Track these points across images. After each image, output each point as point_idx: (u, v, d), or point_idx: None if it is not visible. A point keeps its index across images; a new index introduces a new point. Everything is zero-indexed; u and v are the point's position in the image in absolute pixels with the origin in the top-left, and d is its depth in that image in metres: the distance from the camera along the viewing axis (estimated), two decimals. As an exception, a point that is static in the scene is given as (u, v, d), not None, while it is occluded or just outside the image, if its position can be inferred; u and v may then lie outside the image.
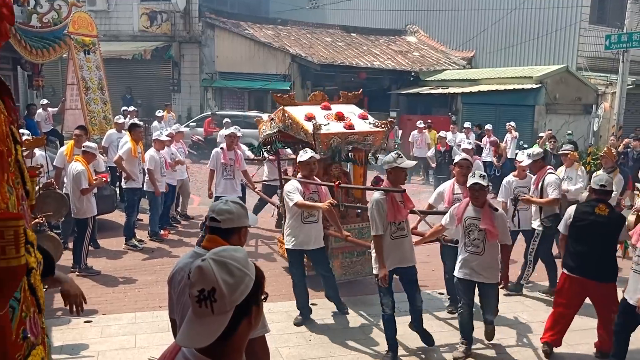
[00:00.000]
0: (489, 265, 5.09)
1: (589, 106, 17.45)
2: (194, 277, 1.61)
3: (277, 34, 22.37)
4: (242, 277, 1.61)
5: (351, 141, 6.51)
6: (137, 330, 5.64)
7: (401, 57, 22.36)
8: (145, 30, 21.84)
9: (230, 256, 1.64)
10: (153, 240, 8.97)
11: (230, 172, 8.58)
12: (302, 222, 5.72)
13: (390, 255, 5.06)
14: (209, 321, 1.58)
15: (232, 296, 1.58)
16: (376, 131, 6.65)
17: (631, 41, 15.10)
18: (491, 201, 5.32)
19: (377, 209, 4.96)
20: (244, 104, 21.42)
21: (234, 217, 2.77)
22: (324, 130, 6.24)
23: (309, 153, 5.73)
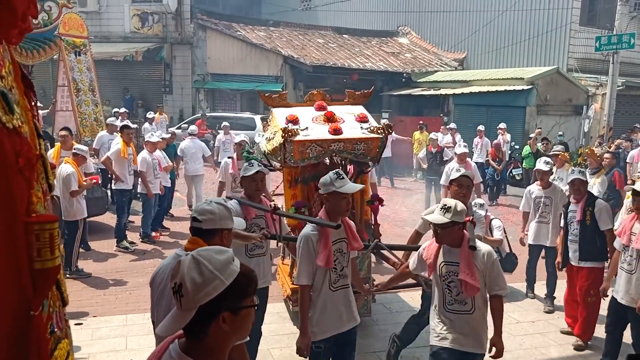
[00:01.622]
0: (480, 326, 3.64)
1: (580, 107, 17.57)
2: (174, 269, 1.66)
3: (269, 36, 22.38)
4: (210, 279, 1.60)
5: (336, 150, 5.07)
6: (128, 332, 5.62)
7: (393, 59, 22.42)
8: (136, 31, 21.76)
9: (208, 256, 1.64)
10: (145, 242, 8.94)
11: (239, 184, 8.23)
12: (246, 256, 4.51)
13: (327, 316, 3.70)
14: (177, 314, 1.64)
15: (196, 295, 1.59)
16: (369, 138, 5.11)
17: (621, 43, 15.21)
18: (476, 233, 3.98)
19: (305, 249, 3.63)
20: (236, 106, 21.40)
21: (216, 217, 2.73)
22: (301, 136, 4.95)
23: (255, 166, 4.57)
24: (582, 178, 5.78)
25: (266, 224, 4.62)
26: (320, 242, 3.62)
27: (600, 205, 5.69)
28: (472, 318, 3.58)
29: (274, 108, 5.53)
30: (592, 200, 5.75)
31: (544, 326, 6.21)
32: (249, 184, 4.57)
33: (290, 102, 5.67)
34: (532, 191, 6.83)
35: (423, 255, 3.75)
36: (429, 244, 3.74)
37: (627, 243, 4.70)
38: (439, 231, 3.54)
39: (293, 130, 4.92)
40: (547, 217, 6.66)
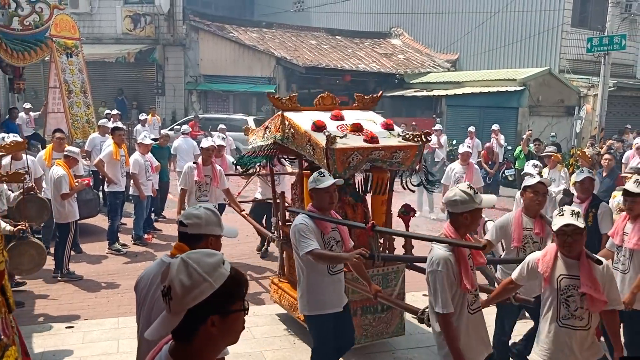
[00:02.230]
0: (592, 342, 3.49)
1: (572, 108, 17.66)
2: (164, 272, 1.66)
3: (261, 37, 22.35)
4: (198, 282, 1.59)
5: (375, 159, 4.70)
6: (120, 335, 5.58)
7: (386, 60, 22.45)
8: (128, 33, 21.69)
9: (197, 259, 1.64)
10: (137, 244, 8.88)
11: (206, 192, 7.24)
12: (329, 274, 4.10)
13: (472, 341, 3.40)
14: (166, 317, 1.65)
15: (184, 298, 1.58)
16: (408, 146, 4.81)
17: (612, 44, 15.30)
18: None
19: (445, 272, 3.24)
20: (228, 107, 21.36)
21: (202, 222, 2.65)
22: (340, 144, 4.52)
23: (328, 177, 4.07)
24: (592, 177, 5.78)
25: (341, 237, 4.22)
26: (460, 263, 3.29)
27: (603, 208, 5.64)
28: (588, 334, 3.42)
29: (285, 112, 5.10)
30: (596, 202, 5.71)
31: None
32: (322, 197, 4.08)
33: (301, 106, 5.25)
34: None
35: (538, 268, 3.51)
36: (542, 255, 3.56)
37: (620, 243, 4.72)
38: (570, 239, 3.35)
39: (334, 138, 4.47)
40: None
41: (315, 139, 4.64)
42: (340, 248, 4.15)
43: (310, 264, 3.99)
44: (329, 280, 4.08)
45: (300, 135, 4.85)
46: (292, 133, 4.98)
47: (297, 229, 3.97)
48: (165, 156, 10.45)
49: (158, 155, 9.99)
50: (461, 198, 3.30)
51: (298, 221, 4.06)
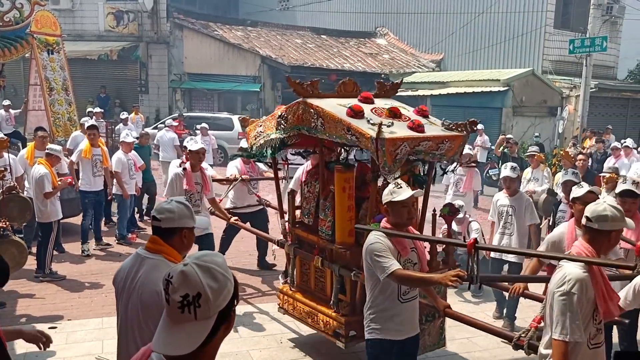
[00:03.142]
0: None
1: (554, 109, 17.86)
2: (177, 282, 1.57)
3: (246, 35, 22.25)
4: (225, 282, 1.60)
5: (420, 150, 4.16)
6: (104, 335, 5.51)
7: (371, 60, 22.49)
8: (111, 30, 21.45)
9: (213, 261, 1.63)
10: (121, 243, 8.78)
11: (198, 202, 6.26)
12: (399, 301, 3.60)
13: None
14: (190, 327, 1.56)
15: (217, 301, 1.57)
16: (454, 136, 4.36)
17: (594, 45, 15.52)
18: None
19: (578, 298, 2.80)
20: (213, 106, 21.23)
21: (175, 216, 2.69)
22: (387, 133, 3.95)
23: (406, 189, 3.55)
24: (575, 180, 5.82)
25: (419, 258, 3.73)
26: (596, 287, 2.86)
27: None
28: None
29: (308, 98, 4.56)
30: None
31: (524, 324, 6.26)
32: (399, 211, 3.56)
33: (323, 93, 4.72)
34: (498, 199, 6.21)
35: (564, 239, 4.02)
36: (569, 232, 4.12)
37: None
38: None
39: (380, 125, 3.94)
40: (510, 229, 6.03)
41: (357, 127, 4.04)
42: (417, 271, 3.67)
43: (381, 287, 3.55)
44: (399, 308, 3.59)
45: (334, 124, 4.24)
46: (320, 122, 4.39)
47: (373, 249, 3.47)
48: (146, 155, 10.32)
49: (140, 154, 9.89)
50: (612, 214, 2.92)
51: (372, 240, 3.53)
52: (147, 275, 2.66)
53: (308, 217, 5.06)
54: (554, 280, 2.90)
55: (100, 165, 8.39)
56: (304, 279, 5.19)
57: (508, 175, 5.98)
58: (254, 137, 5.24)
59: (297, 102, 4.60)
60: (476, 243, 3.33)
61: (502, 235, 6.11)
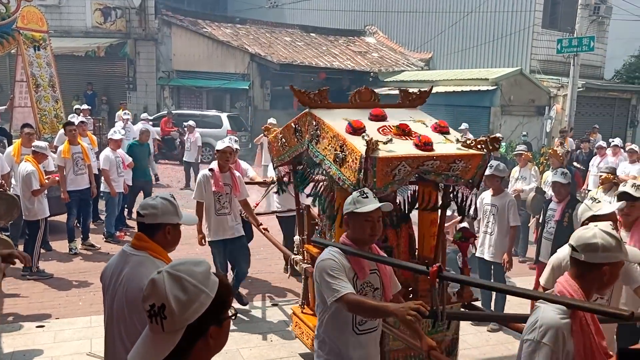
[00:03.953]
0: None
1: (542, 108, 17.97)
2: (147, 290, 1.52)
3: (235, 33, 22.16)
4: (196, 295, 1.49)
5: (427, 170, 3.70)
6: (92, 334, 5.45)
7: (360, 58, 22.51)
8: (98, 26, 21.28)
9: (188, 270, 1.53)
10: (109, 241, 8.71)
11: (226, 204, 5.90)
12: (353, 331, 3.03)
13: None
14: (159, 338, 1.50)
15: (183, 314, 1.47)
16: (470, 155, 3.77)
17: (581, 45, 15.63)
18: None
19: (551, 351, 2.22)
20: (201, 103, 21.15)
21: (158, 212, 2.70)
22: (383, 151, 3.50)
23: (372, 200, 3.00)
24: (562, 181, 5.78)
25: (382, 283, 3.10)
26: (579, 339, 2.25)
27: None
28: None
29: (313, 109, 4.11)
30: (574, 203, 5.76)
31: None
32: (361, 225, 2.98)
33: (332, 103, 4.27)
34: (483, 197, 6.20)
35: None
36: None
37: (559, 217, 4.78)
38: None
39: (376, 143, 3.45)
40: (492, 228, 6.03)
41: (350, 144, 3.57)
42: (379, 298, 3.06)
43: (332, 314, 2.97)
44: (353, 340, 3.01)
45: (331, 139, 3.79)
46: (317, 135, 3.96)
47: (324, 267, 2.91)
48: (146, 154, 10.24)
49: (139, 152, 9.83)
50: (604, 243, 2.27)
51: (325, 256, 2.99)
52: (132, 272, 2.68)
53: (320, 235, 4.57)
54: (526, 325, 2.34)
55: (82, 163, 8.24)
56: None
57: (492, 174, 5.97)
58: (280, 148, 4.73)
59: (304, 113, 4.22)
60: (440, 272, 2.65)
61: (484, 234, 6.18)
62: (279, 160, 4.76)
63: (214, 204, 5.83)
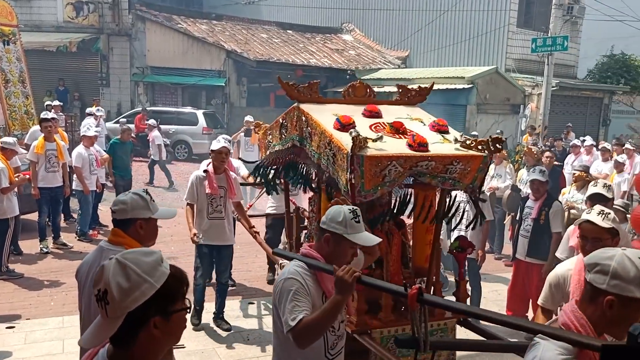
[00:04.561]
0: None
1: (517, 106, 18.19)
2: (97, 275, 1.56)
3: (211, 29, 21.93)
4: (138, 284, 1.51)
5: (421, 172, 3.36)
6: (65, 335, 5.31)
7: (337, 55, 22.48)
8: (70, 21, 20.84)
9: (134, 259, 1.55)
10: (82, 240, 8.52)
11: (221, 208, 5.53)
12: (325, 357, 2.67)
13: None
14: (103, 323, 1.55)
15: (123, 302, 1.50)
16: (469, 156, 3.44)
17: (555, 45, 15.84)
18: None
19: None
20: (177, 100, 20.86)
21: (127, 207, 2.76)
22: (373, 149, 3.21)
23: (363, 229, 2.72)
24: (541, 179, 5.82)
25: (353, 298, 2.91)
26: None
27: (556, 207, 5.78)
28: None
29: (302, 104, 3.83)
30: (550, 201, 5.83)
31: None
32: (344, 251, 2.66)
33: (323, 98, 3.99)
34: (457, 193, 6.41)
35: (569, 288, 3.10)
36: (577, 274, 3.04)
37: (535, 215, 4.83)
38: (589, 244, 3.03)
39: (364, 140, 3.14)
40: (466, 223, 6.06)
41: (337, 141, 3.28)
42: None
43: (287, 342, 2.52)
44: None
45: (319, 135, 3.50)
46: (309, 132, 3.66)
47: (285, 288, 2.51)
48: (128, 152, 10.03)
49: (120, 150, 9.63)
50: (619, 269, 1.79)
51: (287, 273, 2.58)
52: None
53: (309, 240, 4.24)
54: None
55: (55, 160, 8.04)
56: None
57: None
58: (268, 145, 4.46)
59: (292, 108, 3.93)
60: (420, 295, 2.20)
61: (458, 231, 6.15)
62: (269, 159, 4.48)
63: (207, 207, 5.46)
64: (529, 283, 5.88)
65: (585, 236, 3.17)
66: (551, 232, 5.72)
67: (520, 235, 5.99)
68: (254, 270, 7.48)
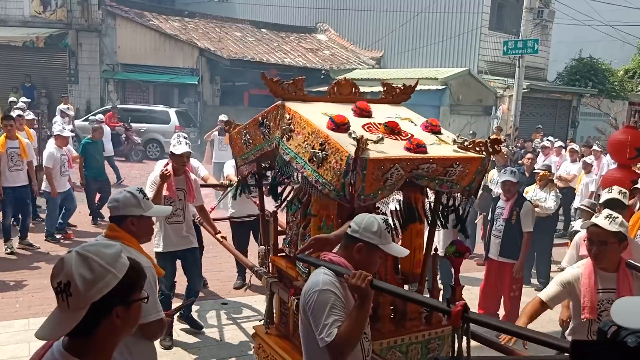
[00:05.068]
0: None
1: (489, 108, 18.42)
2: (56, 268, 1.59)
3: (184, 27, 21.65)
4: (102, 274, 1.57)
5: (420, 175, 3.20)
6: (30, 337, 5.10)
7: (312, 55, 22.43)
8: (37, 15, 20.30)
9: (96, 251, 1.61)
10: (49, 241, 8.25)
11: (180, 212, 5.22)
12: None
13: None
14: (64, 315, 1.57)
15: (88, 292, 1.55)
16: (468, 158, 3.32)
17: (526, 48, 16.09)
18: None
19: None
20: (148, 98, 20.52)
21: (119, 205, 2.95)
22: (374, 152, 3.00)
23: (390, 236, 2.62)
24: (512, 180, 5.92)
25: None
26: None
27: (527, 208, 5.89)
28: None
29: (287, 101, 3.59)
30: (521, 202, 5.93)
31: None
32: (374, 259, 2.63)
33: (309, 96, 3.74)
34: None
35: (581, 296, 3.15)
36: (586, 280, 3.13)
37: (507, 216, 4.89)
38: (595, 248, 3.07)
39: (366, 142, 2.96)
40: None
41: (335, 142, 3.06)
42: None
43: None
44: None
45: (307, 135, 3.28)
46: (290, 130, 3.42)
47: (324, 300, 2.42)
48: (100, 151, 9.72)
49: (93, 150, 9.34)
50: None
51: (320, 284, 2.46)
52: None
53: (290, 246, 4.03)
54: None
55: (18, 159, 7.69)
56: (282, 320, 4.07)
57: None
58: (244, 146, 4.12)
59: (275, 106, 3.68)
60: (465, 312, 2.07)
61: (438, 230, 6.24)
62: (242, 159, 4.15)
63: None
64: (501, 282, 5.97)
65: (591, 239, 3.19)
66: (522, 231, 5.82)
67: (493, 235, 6.06)
68: (227, 270, 7.36)
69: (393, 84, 4.10)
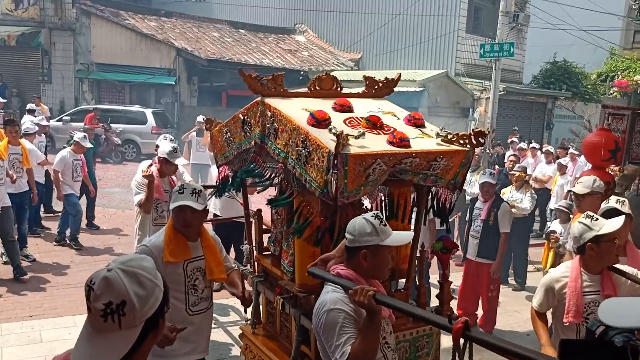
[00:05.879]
0: None
1: (467, 110, 18.61)
2: (100, 289, 1.46)
3: (160, 26, 21.41)
4: (153, 289, 1.52)
5: (404, 170, 3.13)
6: (3, 343, 4.97)
7: (290, 56, 22.38)
8: (9, 13, 19.89)
9: (140, 266, 1.54)
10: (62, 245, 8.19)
11: (165, 214, 5.13)
12: None
13: None
14: (114, 337, 1.46)
15: (144, 309, 1.49)
16: (452, 151, 3.26)
17: (502, 51, 16.24)
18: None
19: None
20: (124, 98, 20.23)
21: None
22: (355, 147, 2.94)
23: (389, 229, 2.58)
24: (491, 181, 6.02)
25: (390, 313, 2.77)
26: None
27: (504, 209, 5.97)
28: None
29: (267, 98, 3.50)
30: (498, 203, 6.01)
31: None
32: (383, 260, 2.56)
33: (288, 91, 3.64)
34: None
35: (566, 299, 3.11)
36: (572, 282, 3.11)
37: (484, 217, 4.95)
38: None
39: (347, 137, 2.86)
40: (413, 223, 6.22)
41: (315, 138, 2.99)
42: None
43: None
44: None
45: (290, 131, 3.19)
46: (274, 128, 3.33)
47: (333, 320, 2.35)
48: (89, 155, 9.35)
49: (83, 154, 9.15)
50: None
51: (330, 303, 2.39)
52: None
53: (274, 245, 3.97)
54: None
55: (19, 165, 7.40)
56: (270, 320, 4.00)
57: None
58: (225, 144, 4.01)
59: (255, 102, 3.59)
60: (467, 330, 1.99)
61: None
62: (224, 157, 4.05)
63: (151, 213, 5.08)
64: (479, 282, 6.03)
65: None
66: (500, 232, 5.89)
67: (471, 235, 6.13)
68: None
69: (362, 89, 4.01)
